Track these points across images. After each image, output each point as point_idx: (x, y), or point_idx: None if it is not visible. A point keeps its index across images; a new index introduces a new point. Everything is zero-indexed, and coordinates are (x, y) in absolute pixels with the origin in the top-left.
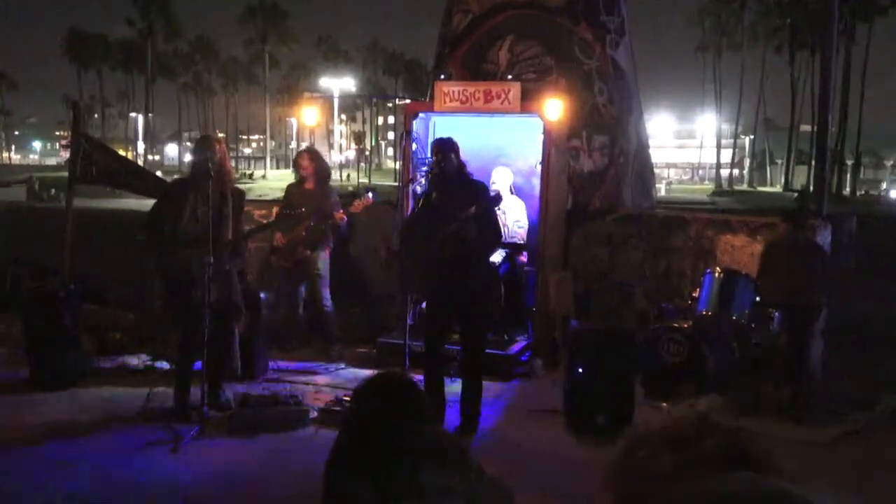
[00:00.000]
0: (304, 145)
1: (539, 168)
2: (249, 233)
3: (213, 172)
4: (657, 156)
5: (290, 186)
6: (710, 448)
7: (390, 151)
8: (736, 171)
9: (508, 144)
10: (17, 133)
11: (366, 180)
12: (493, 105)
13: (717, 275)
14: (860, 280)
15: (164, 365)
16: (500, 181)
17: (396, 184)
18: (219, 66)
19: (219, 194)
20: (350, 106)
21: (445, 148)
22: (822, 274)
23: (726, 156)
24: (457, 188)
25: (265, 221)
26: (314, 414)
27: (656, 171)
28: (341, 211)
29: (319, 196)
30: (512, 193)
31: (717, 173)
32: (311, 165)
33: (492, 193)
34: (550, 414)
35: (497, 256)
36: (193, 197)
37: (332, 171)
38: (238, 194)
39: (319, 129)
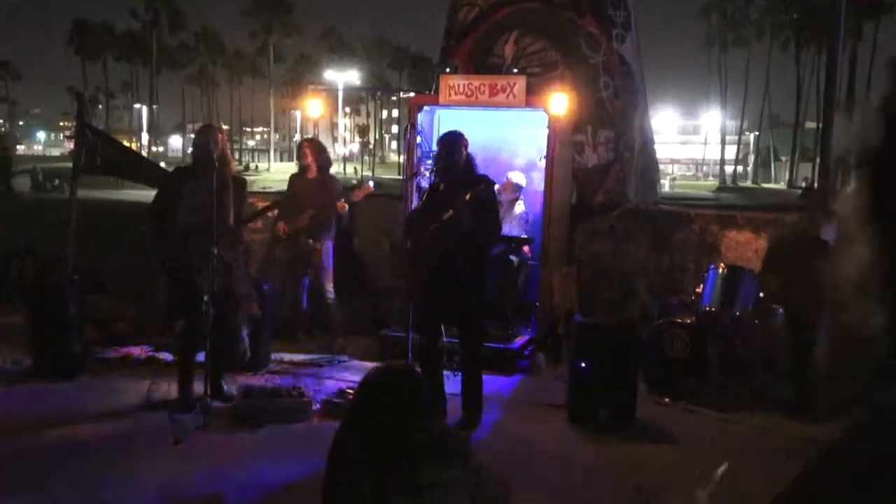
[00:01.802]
0: (306, 137)
1: (543, 162)
2: (248, 217)
3: (216, 161)
4: (661, 151)
5: (293, 177)
6: None
7: (394, 145)
8: (740, 168)
9: (513, 138)
10: (21, 123)
11: (369, 173)
12: (498, 99)
13: (720, 270)
14: None
15: (167, 356)
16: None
17: (400, 177)
18: (224, 58)
19: (220, 183)
20: (354, 99)
21: (453, 142)
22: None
23: (731, 152)
24: (462, 182)
25: (258, 213)
26: (316, 406)
27: (660, 166)
28: (342, 200)
29: (321, 185)
30: (519, 191)
31: (722, 169)
32: (312, 155)
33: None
34: (553, 409)
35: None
36: (194, 186)
37: (337, 164)
38: (239, 182)
39: (323, 122)
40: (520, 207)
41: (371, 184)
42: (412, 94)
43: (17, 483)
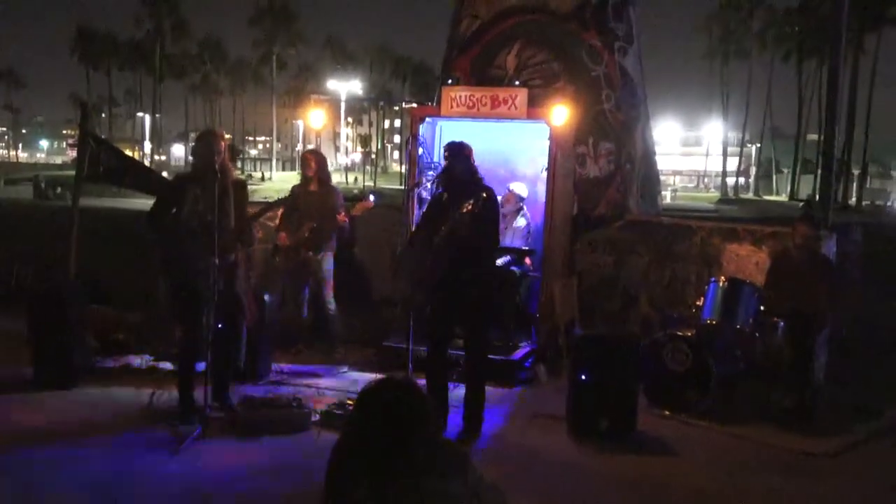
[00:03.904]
0: (309, 147)
1: (545, 174)
2: (256, 213)
3: (217, 166)
4: (663, 163)
5: (295, 188)
6: None
7: (396, 155)
8: (742, 180)
9: (515, 150)
10: (24, 131)
11: (371, 183)
12: (500, 110)
13: (721, 283)
14: (865, 290)
15: (167, 365)
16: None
17: (402, 187)
18: (227, 67)
19: (221, 187)
20: (357, 108)
21: (457, 151)
22: (829, 285)
23: (732, 164)
24: (464, 192)
25: (265, 209)
26: (316, 417)
27: (662, 178)
28: (343, 213)
29: (322, 197)
30: (521, 202)
31: (723, 181)
32: (316, 166)
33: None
34: (553, 420)
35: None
36: (195, 191)
37: (338, 174)
38: (240, 185)
39: (326, 132)
40: (522, 220)
41: (371, 197)
42: (414, 105)
43: (17, 493)
